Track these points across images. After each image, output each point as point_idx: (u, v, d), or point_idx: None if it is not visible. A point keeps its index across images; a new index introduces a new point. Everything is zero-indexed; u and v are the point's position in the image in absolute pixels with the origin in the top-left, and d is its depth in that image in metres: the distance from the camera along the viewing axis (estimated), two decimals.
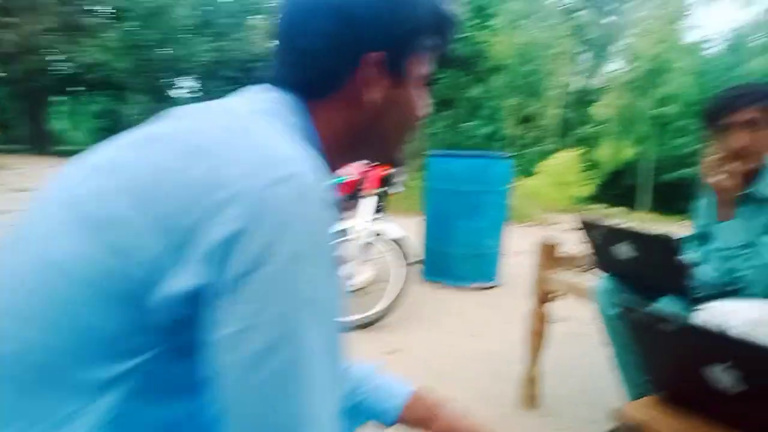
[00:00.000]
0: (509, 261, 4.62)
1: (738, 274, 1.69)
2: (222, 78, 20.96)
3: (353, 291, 3.13)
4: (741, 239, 1.71)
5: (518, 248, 5.15)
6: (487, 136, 16.93)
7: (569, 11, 22.78)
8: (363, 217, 3.23)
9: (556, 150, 16.25)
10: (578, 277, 2.23)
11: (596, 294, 1.90)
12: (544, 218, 10.49)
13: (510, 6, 16.12)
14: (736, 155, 1.67)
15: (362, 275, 3.12)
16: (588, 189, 14.43)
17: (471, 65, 13.39)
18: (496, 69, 14.69)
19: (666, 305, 1.66)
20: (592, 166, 16.99)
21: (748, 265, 1.67)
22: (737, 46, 21.74)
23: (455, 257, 4.25)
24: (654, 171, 18.75)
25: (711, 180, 1.71)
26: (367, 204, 3.31)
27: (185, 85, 24.72)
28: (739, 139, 1.65)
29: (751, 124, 1.64)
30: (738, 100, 1.66)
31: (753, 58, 20.10)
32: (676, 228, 6.58)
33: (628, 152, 18.64)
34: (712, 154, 1.76)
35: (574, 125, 20.65)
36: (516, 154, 18.49)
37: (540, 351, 2.32)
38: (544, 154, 15.98)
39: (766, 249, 1.65)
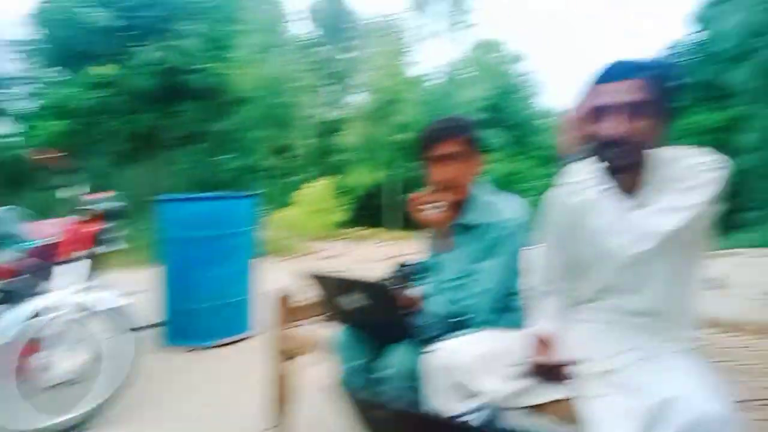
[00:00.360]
0: (267, 304, 4.32)
1: (463, 304, 1.67)
2: None
3: (56, 385, 2.45)
4: (462, 269, 1.71)
5: (278, 286, 4.88)
6: (242, 169, 16.52)
7: (309, 46, 23.90)
8: (66, 289, 2.59)
9: (311, 179, 16.68)
10: (321, 328, 2.04)
11: (335, 348, 1.72)
12: (305, 248, 10.52)
13: (249, 39, 16.11)
14: (442, 187, 1.67)
15: (68, 363, 2.47)
16: (343, 214, 15.08)
17: (212, 97, 12.86)
18: (241, 101, 14.44)
19: (398, 353, 1.55)
20: (346, 191, 17.90)
21: (470, 293, 1.67)
22: (452, 78, 25.46)
23: (201, 313, 3.78)
24: (401, 192, 20.61)
25: (420, 215, 1.68)
26: (73, 271, 2.68)
27: None
28: (444, 171, 1.65)
29: (453, 157, 1.65)
30: (440, 133, 1.66)
31: (465, 88, 23.77)
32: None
33: (376, 176, 20.18)
34: (424, 186, 1.75)
35: (326, 154, 21.59)
36: (272, 185, 18.48)
37: (288, 417, 2.06)
38: (301, 184, 16.25)
39: (483, 275, 1.66)
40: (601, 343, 1.39)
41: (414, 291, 1.92)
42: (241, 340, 3.88)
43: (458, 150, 1.65)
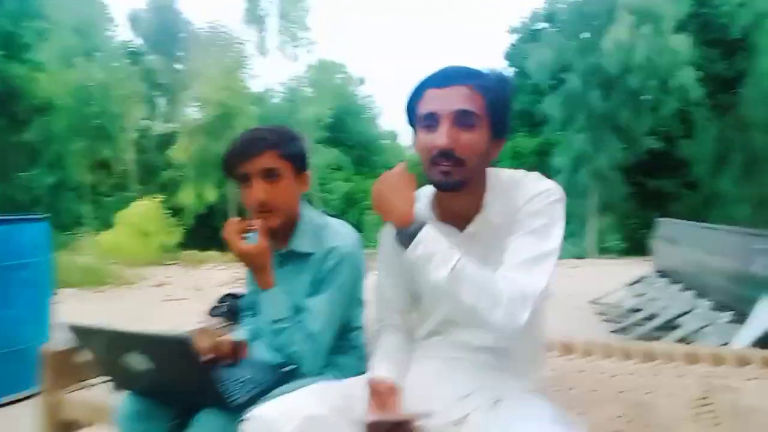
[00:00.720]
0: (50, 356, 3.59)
1: (290, 350, 1.39)
2: None
3: None
4: (287, 308, 1.42)
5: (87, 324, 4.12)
6: (53, 186, 14.46)
7: (136, 54, 21.98)
8: None
9: (137, 197, 15.11)
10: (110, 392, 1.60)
11: (118, 423, 1.31)
12: (130, 276, 9.37)
13: (58, 40, 14.11)
14: (259, 210, 1.38)
15: None
16: (175, 236, 13.85)
17: (7, 103, 10.93)
18: (48, 109, 12.57)
19: (205, 424, 1.21)
20: (178, 211, 16.53)
21: (296, 338, 1.39)
22: (292, 96, 25.23)
23: None
24: (237, 212, 19.74)
25: (236, 246, 1.37)
26: None
27: None
28: (258, 191, 1.37)
29: (268, 174, 1.37)
30: (251, 146, 1.36)
31: (306, 106, 23.66)
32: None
33: (213, 194, 19.02)
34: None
35: (155, 170, 19.85)
36: (91, 204, 16.43)
37: None
38: (125, 203, 14.62)
39: (312, 314, 1.40)
40: (447, 383, 1.23)
41: (237, 334, 1.60)
42: (32, 396, 3.15)
43: (276, 166, 1.37)
